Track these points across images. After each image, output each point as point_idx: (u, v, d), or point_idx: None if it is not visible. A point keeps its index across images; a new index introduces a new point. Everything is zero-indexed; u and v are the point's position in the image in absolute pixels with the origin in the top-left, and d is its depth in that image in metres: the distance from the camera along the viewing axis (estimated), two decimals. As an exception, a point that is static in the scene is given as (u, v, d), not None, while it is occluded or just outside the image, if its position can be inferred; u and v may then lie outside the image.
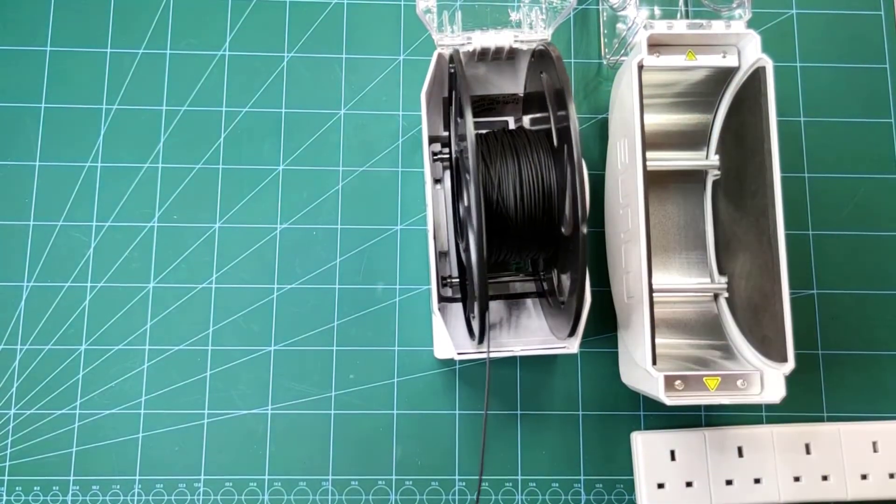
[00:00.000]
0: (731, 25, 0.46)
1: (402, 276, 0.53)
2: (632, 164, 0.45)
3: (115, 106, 0.55)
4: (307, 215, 0.54)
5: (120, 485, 0.50)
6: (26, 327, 0.52)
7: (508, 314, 0.51)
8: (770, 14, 0.57)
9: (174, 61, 0.55)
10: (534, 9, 0.46)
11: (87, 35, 0.55)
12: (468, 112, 0.38)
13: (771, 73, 0.45)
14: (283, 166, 0.54)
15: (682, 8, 0.55)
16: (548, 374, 0.52)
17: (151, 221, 0.53)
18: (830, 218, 0.55)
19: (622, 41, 0.54)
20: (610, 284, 0.52)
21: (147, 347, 0.52)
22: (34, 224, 0.53)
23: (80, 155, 0.54)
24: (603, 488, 0.51)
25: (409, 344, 0.52)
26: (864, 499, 0.50)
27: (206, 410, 0.51)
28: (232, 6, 0.56)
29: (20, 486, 0.50)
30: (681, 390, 0.44)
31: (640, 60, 0.45)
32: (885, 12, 0.58)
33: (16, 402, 0.51)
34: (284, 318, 0.52)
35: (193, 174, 0.54)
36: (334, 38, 0.56)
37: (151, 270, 0.53)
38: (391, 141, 0.55)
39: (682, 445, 0.50)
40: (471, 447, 0.51)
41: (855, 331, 0.53)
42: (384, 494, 0.51)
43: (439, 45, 0.45)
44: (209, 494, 0.50)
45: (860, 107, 0.56)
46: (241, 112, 0.55)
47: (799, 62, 0.57)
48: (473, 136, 0.37)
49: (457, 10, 0.46)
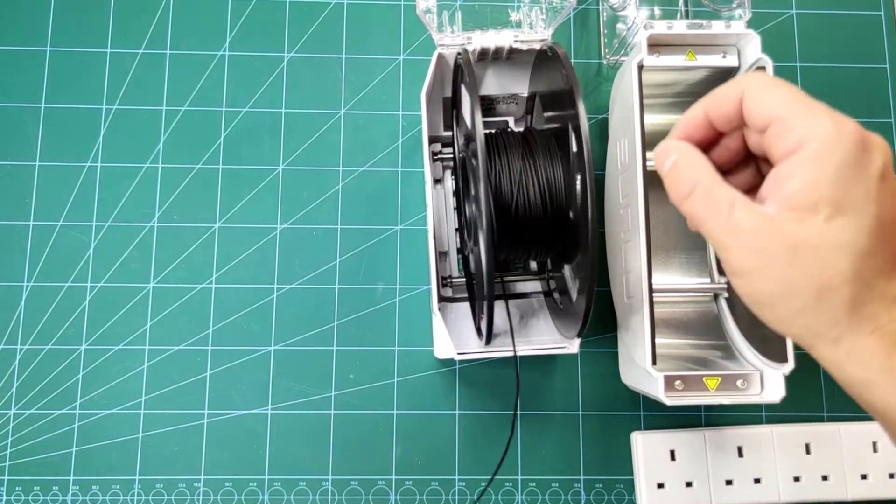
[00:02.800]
0: (731, 25, 0.46)
1: (402, 276, 0.53)
2: (632, 164, 0.45)
3: (115, 106, 0.55)
4: (307, 215, 0.54)
5: (120, 485, 0.50)
6: (26, 327, 0.52)
7: (514, 314, 0.51)
8: (770, 14, 0.57)
9: (174, 61, 0.55)
10: (534, 9, 0.46)
11: (87, 35, 0.55)
12: (478, 113, 0.38)
13: (771, 73, 0.45)
14: (283, 166, 0.54)
15: (682, 8, 0.55)
16: (548, 374, 0.52)
17: (151, 221, 0.53)
18: (830, 218, 0.55)
19: (622, 41, 0.54)
20: (610, 284, 0.52)
21: (147, 347, 0.52)
22: (34, 224, 0.53)
23: (80, 155, 0.54)
24: (603, 488, 0.51)
25: (409, 344, 0.52)
26: (864, 499, 0.50)
27: (206, 410, 0.51)
28: (232, 6, 0.56)
29: (20, 486, 0.50)
30: (681, 390, 0.44)
31: (640, 60, 0.45)
32: (885, 12, 0.57)
33: (16, 402, 0.51)
34: (284, 318, 0.52)
35: (193, 174, 0.54)
36: (334, 38, 0.56)
37: (151, 270, 0.53)
38: (391, 141, 0.55)
39: (682, 445, 0.50)
40: (471, 447, 0.51)
41: (855, 331, 0.53)
42: (384, 494, 0.51)
43: (439, 45, 0.45)
44: (209, 494, 0.50)
45: (860, 107, 0.56)
46: (241, 112, 0.55)
47: (799, 62, 0.57)
48: (483, 137, 0.37)
49: (457, 10, 0.46)
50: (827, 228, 0.25)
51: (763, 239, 0.26)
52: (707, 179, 0.28)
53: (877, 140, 0.26)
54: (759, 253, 0.26)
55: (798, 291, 0.26)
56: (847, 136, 0.25)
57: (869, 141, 0.26)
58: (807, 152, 0.25)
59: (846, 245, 0.25)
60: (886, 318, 0.26)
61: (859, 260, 0.25)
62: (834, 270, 0.25)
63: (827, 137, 0.25)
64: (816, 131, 0.25)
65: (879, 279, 0.26)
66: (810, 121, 0.26)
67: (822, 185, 0.25)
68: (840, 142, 0.25)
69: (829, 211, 0.25)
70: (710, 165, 0.28)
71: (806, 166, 0.25)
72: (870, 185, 0.25)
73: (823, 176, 0.25)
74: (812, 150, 0.25)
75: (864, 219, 0.25)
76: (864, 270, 0.25)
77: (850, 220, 0.25)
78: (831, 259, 0.25)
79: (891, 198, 0.26)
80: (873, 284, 0.26)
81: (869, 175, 0.25)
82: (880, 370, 0.26)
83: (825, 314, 0.26)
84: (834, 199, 0.25)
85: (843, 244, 0.25)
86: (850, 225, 0.25)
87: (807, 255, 0.25)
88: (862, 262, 0.25)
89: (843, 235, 0.25)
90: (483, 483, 0.51)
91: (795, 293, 0.26)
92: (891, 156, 0.26)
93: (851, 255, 0.25)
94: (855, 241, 0.25)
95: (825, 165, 0.25)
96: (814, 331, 0.26)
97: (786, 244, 0.26)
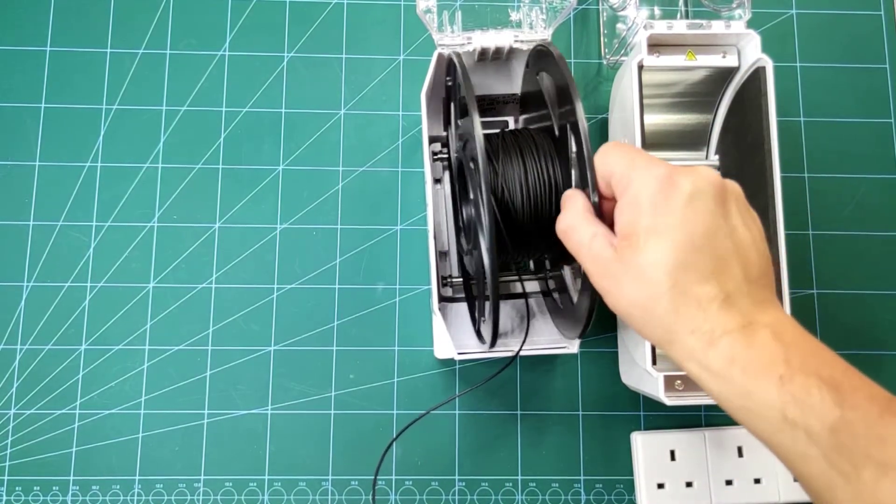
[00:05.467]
0: (731, 25, 0.46)
1: (402, 276, 0.53)
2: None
3: (115, 106, 0.55)
4: (307, 215, 0.54)
5: (120, 485, 0.50)
6: (26, 327, 0.52)
7: (514, 315, 0.51)
8: (770, 14, 0.57)
9: (174, 61, 0.55)
10: (534, 9, 0.46)
11: (87, 35, 0.55)
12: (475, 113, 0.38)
13: (771, 73, 0.45)
14: (283, 166, 0.54)
15: (682, 8, 0.55)
16: (548, 374, 0.52)
17: (151, 221, 0.53)
18: (830, 218, 0.55)
19: (622, 41, 0.54)
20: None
21: (147, 347, 0.52)
22: (34, 224, 0.53)
23: (80, 155, 0.54)
24: (603, 488, 0.51)
25: (409, 344, 0.52)
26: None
27: (206, 410, 0.51)
28: (232, 6, 0.56)
29: (20, 486, 0.50)
30: (681, 390, 0.44)
31: (640, 60, 0.45)
32: (885, 12, 0.58)
33: (16, 402, 0.51)
34: (284, 318, 0.52)
35: (193, 174, 0.54)
36: (334, 38, 0.56)
37: (151, 270, 0.53)
38: (391, 141, 0.55)
39: (682, 445, 0.50)
40: (471, 447, 0.51)
41: (855, 331, 0.53)
42: (384, 494, 0.51)
43: (439, 45, 0.45)
44: (209, 494, 0.50)
45: (860, 107, 0.56)
46: (241, 112, 0.55)
47: (799, 62, 0.57)
48: (482, 137, 0.37)
49: (457, 10, 0.46)
50: (645, 250, 0.31)
51: (610, 265, 0.32)
52: (577, 218, 0.35)
53: (687, 173, 0.31)
54: (609, 277, 0.32)
55: (638, 304, 0.31)
56: (655, 177, 0.31)
57: (674, 177, 0.31)
58: (630, 193, 0.32)
59: (660, 261, 0.30)
60: (702, 319, 0.30)
61: (674, 272, 0.30)
62: (654, 284, 0.31)
63: (640, 180, 0.32)
64: (635, 177, 0.32)
65: (695, 287, 0.30)
66: (633, 170, 0.32)
67: (640, 216, 0.31)
68: (649, 181, 0.31)
69: (645, 236, 0.31)
70: (586, 206, 0.35)
71: (629, 204, 0.32)
72: (676, 211, 0.31)
73: (640, 210, 0.31)
74: (632, 192, 0.32)
75: (673, 239, 0.30)
76: (680, 281, 0.30)
77: (661, 241, 0.31)
78: (651, 274, 0.31)
79: (701, 216, 0.31)
80: (689, 292, 0.30)
81: (675, 203, 0.31)
82: (700, 366, 0.30)
83: (658, 321, 0.31)
84: (647, 226, 0.31)
85: (657, 261, 0.30)
86: (661, 245, 0.31)
87: (636, 274, 0.31)
88: (676, 274, 0.30)
89: (657, 254, 0.31)
90: (483, 483, 0.51)
91: (636, 306, 0.32)
92: (703, 185, 0.31)
93: (665, 269, 0.30)
94: (666, 257, 0.30)
95: (640, 201, 0.31)
96: (657, 336, 0.32)
97: (623, 267, 0.32)
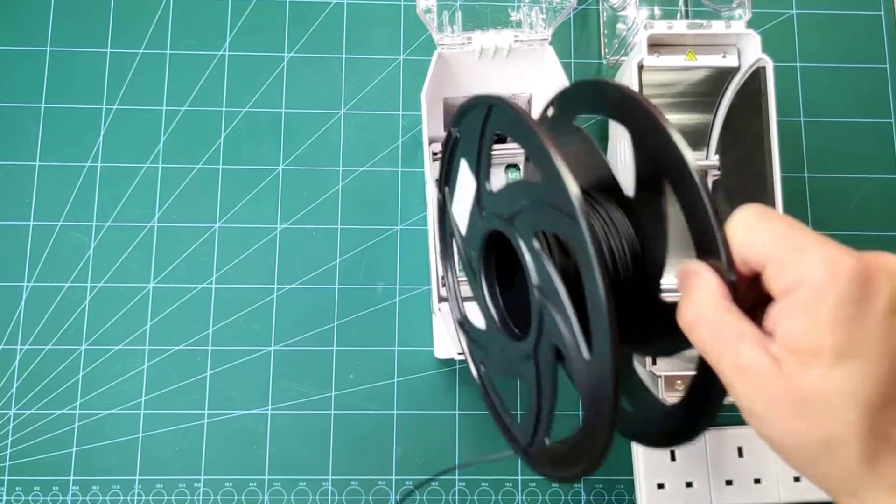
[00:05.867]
0: (731, 25, 0.46)
1: (402, 276, 0.53)
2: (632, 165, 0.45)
3: (115, 106, 0.55)
4: (307, 215, 0.54)
5: (120, 485, 0.50)
6: (26, 327, 0.52)
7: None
8: (770, 14, 0.57)
9: (174, 61, 0.55)
10: (534, 9, 0.46)
11: (87, 35, 0.55)
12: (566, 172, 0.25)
13: (771, 73, 0.45)
14: (283, 166, 0.54)
15: (682, 8, 0.55)
16: (548, 374, 0.52)
17: (151, 221, 0.53)
18: (830, 218, 0.55)
19: (622, 41, 0.54)
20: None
21: (147, 347, 0.52)
22: (34, 224, 0.53)
23: (80, 155, 0.54)
24: (603, 488, 0.51)
25: (409, 344, 0.52)
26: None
27: (206, 410, 0.51)
28: (232, 6, 0.56)
29: (20, 486, 0.50)
30: (681, 390, 0.44)
31: (640, 60, 0.45)
32: (885, 12, 0.57)
33: (16, 402, 0.51)
34: (284, 318, 0.52)
35: (193, 174, 0.54)
36: (334, 38, 0.56)
37: (151, 270, 0.53)
38: (391, 141, 0.55)
39: (682, 445, 0.50)
40: (471, 447, 0.51)
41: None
42: (384, 494, 0.51)
43: (439, 44, 0.45)
44: (209, 494, 0.50)
45: (860, 107, 0.56)
46: (241, 112, 0.55)
47: (799, 62, 0.57)
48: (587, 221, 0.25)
49: (457, 10, 0.46)
50: (831, 377, 0.22)
51: (770, 385, 0.23)
52: (711, 307, 0.25)
53: (883, 266, 0.23)
54: (766, 400, 0.24)
55: (806, 445, 0.23)
56: (843, 275, 0.22)
57: (871, 273, 0.22)
58: (800, 295, 0.23)
59: (853, 394, 0.22)
60: None
61: (871, 410, 0.22)
62: (842, 423, 0.22)
63: (819, 279, 0.22)
64: (809, 269, 0.23)
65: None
66: (801, 257, 0.23)
67: (821, 329, 0.22)
68: (835, 282, 0.22)
69: (831, 357, 0.22)
70: (722, 291, 0.25)
71: (801, 310, 0.23)
72: (875, 324, 0.22)
73: (820, 320, 0.22)
74: (805, 294, 0.23)
75: (873, 364, 0.22)
76: (878, 421, 0.22)
77: (856, 366, 0.22)
78: (838, 411, 0.22)
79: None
80: (890, 436, 0.23)
81: (874, 313, 0.22)
82: None
83: (837, 468, 0.23)
84: (835, 344, 0.22)
85: (849, 393, 0.22)
86: (856, 372, 0.22)
87: (813, 407, 0.23)
88: (874, 412, 0.22)
89: (850, 385, 0.22)
90: (483, 483, 0.51)
91: (803, 446, 0.23)
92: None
93: (860, 406, 0.22)
94: (863, 389, 0.22)
95: (820, 309, 0.22)
96: (831, 485, 0.24)
97: (791, 393, 0.23)
